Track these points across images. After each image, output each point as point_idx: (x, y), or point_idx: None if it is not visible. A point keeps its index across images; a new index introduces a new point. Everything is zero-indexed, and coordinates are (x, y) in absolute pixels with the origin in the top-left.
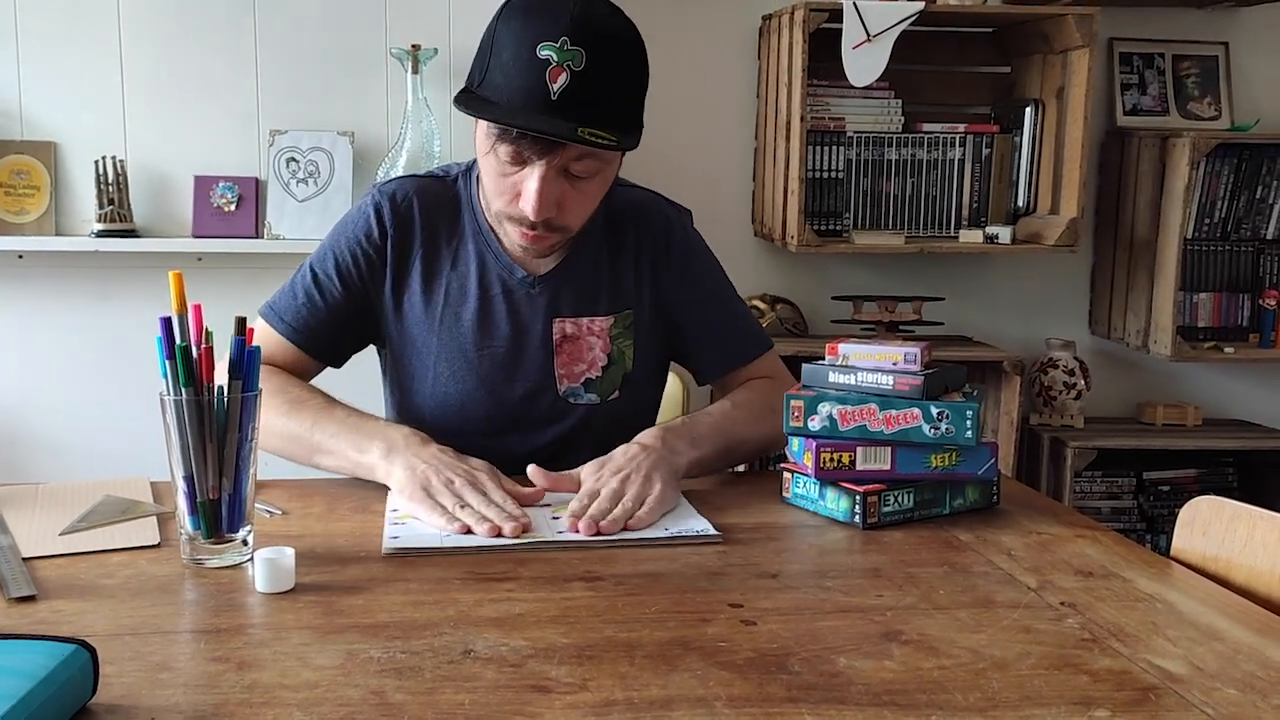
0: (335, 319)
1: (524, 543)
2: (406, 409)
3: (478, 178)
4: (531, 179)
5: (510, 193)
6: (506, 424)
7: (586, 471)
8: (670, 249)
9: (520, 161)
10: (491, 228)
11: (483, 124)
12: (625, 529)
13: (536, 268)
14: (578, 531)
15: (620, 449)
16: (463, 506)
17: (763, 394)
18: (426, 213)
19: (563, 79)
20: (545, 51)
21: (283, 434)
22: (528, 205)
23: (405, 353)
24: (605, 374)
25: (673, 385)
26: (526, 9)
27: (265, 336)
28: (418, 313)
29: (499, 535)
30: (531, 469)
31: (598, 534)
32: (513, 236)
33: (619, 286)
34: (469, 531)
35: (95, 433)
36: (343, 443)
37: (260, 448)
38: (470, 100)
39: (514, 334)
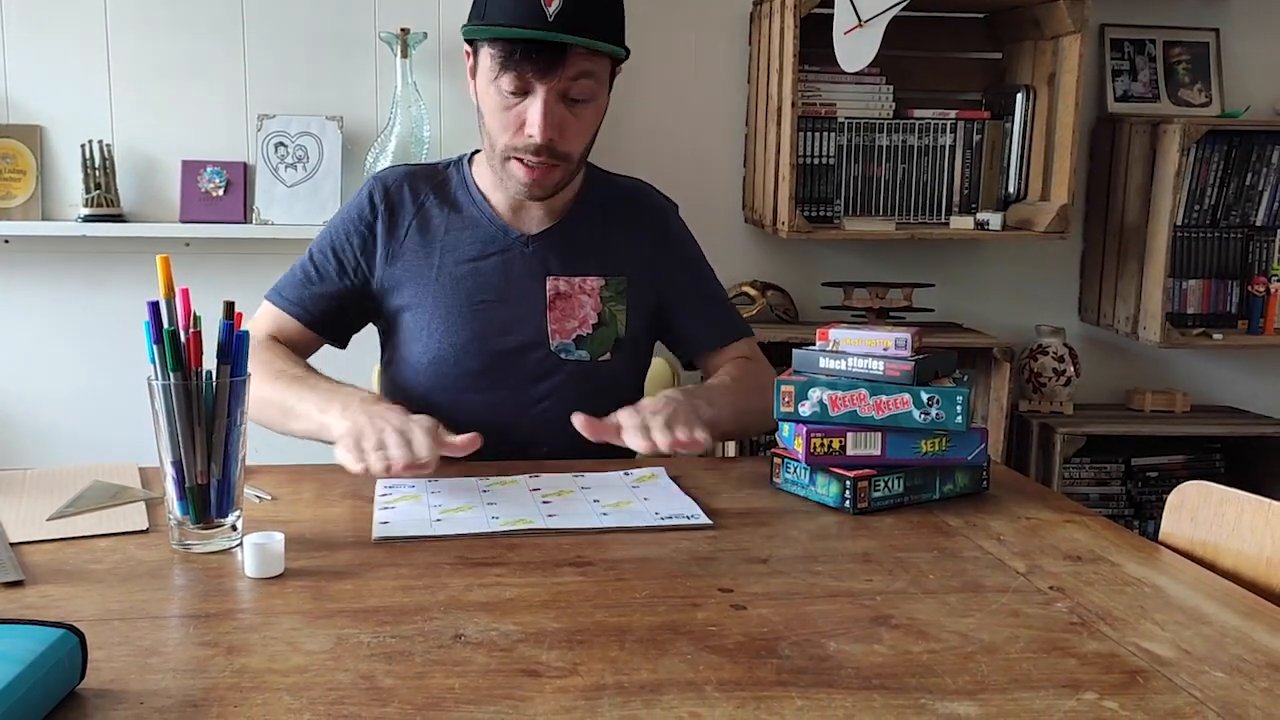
0: (331, 292)
1: (515, 529)
2: (403, 370)
3: (469, 160)
4: (535, 103)
5: (514, 125)
6: (499, 378)
7: (624, 412)
8: (663, 230)
9: (523, 90)
10: (485, 198)
11: (483, 64)
12: (683, 447)
13: (529, 228)
14: (656, 452)
15: (649, 398)
16: (378, 450)
17: (753, 371)
18: (418, 191)
19: (556, 1)
20: None
21: (260, 399)
22: (534, 127)
23: (401, 315)
24: (595, 333)
25: (660, 367)
26: None
27: (269, 314)
28: (413, 275)
29: (389, 471)
30: (577, 417)
31: (672, 450)
32: (517, 175)
33: (611, 254)
34: (369, 472)
35: (83, 418)
36: (310, 405)
37: None
38: (474, 28)
39: (508, 289)
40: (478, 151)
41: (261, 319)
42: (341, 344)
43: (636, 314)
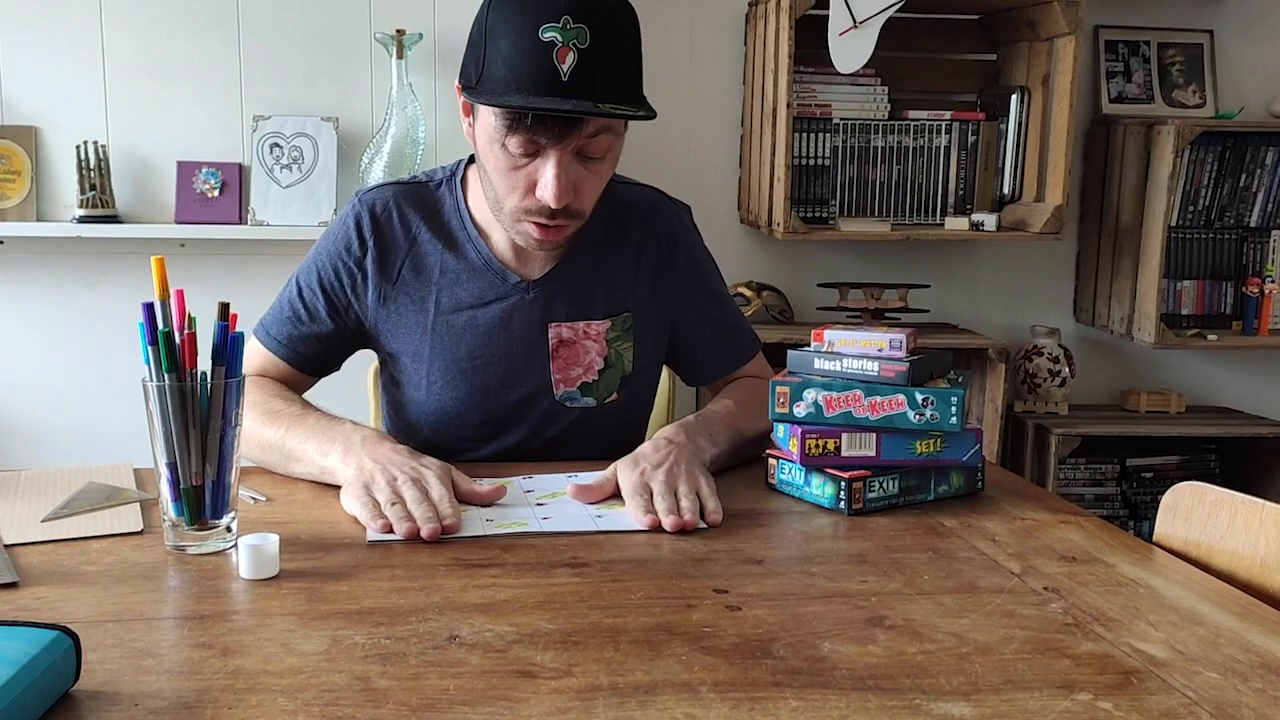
0: (322, 333)
1: (509, 533)
2: (402, 416)
3: (462, 181)
4: (549, 165)
5: (524, 186)
6: (501, 428)
7: (623, 469)
8: (674, 250)
9: (533, 152)
10: (480, 233)
11: (486, 120)
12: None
13: (530, 273)
14: (659, 528)
15: (648, 444)
16: (394, 504)
17: (758, 392)
18: (408, 221)
19: (571, 58)
20: (549, 34)
21: (260, 443)
22: (548, 193)
23: (398, 361)
24: (601, 377)
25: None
26: None
27: (257, 353)
28: (409, 321)
29: (417, 536)
30: (571, 487)
31: (682, 530)
32: (528, 233)
33: (616, 289)
34: (391, 530)
35: (78, 419)
36: (310, 448)
37: (244, 457)
38: (480, 94)
39: (508, 340)
40: (471, 161)
41: (250, 358)
42: (335, 370)
43: (644, 345)
